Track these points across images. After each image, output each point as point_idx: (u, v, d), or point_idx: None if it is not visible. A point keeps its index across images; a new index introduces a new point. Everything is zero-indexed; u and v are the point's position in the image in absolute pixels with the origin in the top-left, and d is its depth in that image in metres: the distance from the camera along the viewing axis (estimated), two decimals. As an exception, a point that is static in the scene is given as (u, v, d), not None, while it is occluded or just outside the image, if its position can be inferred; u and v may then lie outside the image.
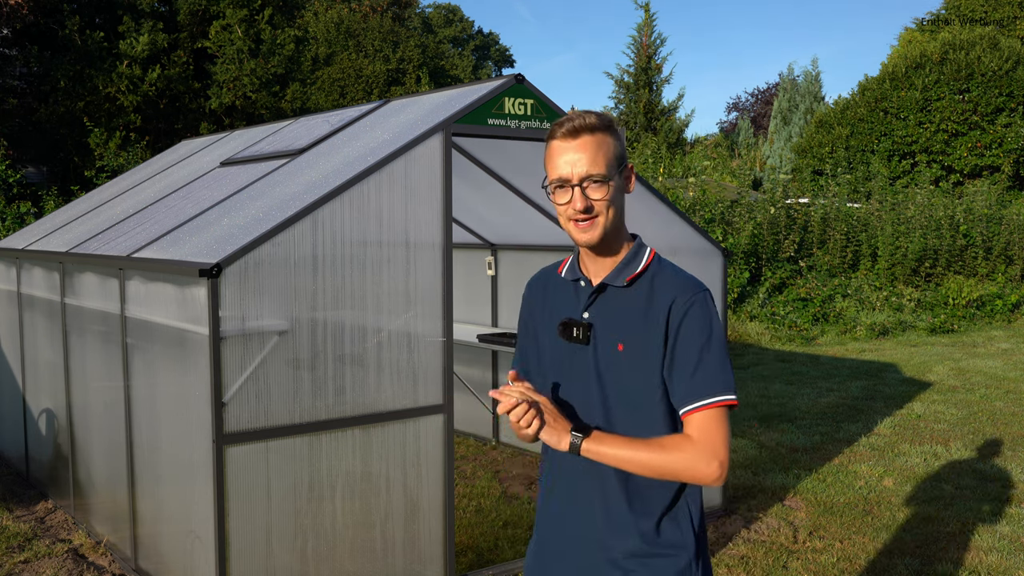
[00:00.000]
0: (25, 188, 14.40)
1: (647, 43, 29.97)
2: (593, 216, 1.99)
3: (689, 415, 1.95)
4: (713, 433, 1.92)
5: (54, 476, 5.84)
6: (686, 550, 2.03)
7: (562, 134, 1.99)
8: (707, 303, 1.99)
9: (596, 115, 2.00)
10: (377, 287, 3.98)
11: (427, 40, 35.10)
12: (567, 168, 1.98)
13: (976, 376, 10.40)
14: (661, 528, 2.02)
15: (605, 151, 1.98)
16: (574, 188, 1.98)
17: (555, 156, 2.00)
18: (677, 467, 1.92)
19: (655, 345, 1.98)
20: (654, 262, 2.07)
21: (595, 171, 1.97)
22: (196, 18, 19.26)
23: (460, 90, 4.71)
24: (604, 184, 1.97)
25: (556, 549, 2.14)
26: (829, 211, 16.60)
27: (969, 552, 5.04)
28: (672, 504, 2.03)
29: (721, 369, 1.95)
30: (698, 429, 1.93)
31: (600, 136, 1.98)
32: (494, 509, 5.71)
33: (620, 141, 2.03)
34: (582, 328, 2.06)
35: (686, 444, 1.93)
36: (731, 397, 1.94)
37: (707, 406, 1.93)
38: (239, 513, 3.65)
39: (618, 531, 2.03)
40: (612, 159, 1.99)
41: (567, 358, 2.10)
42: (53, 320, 5.57)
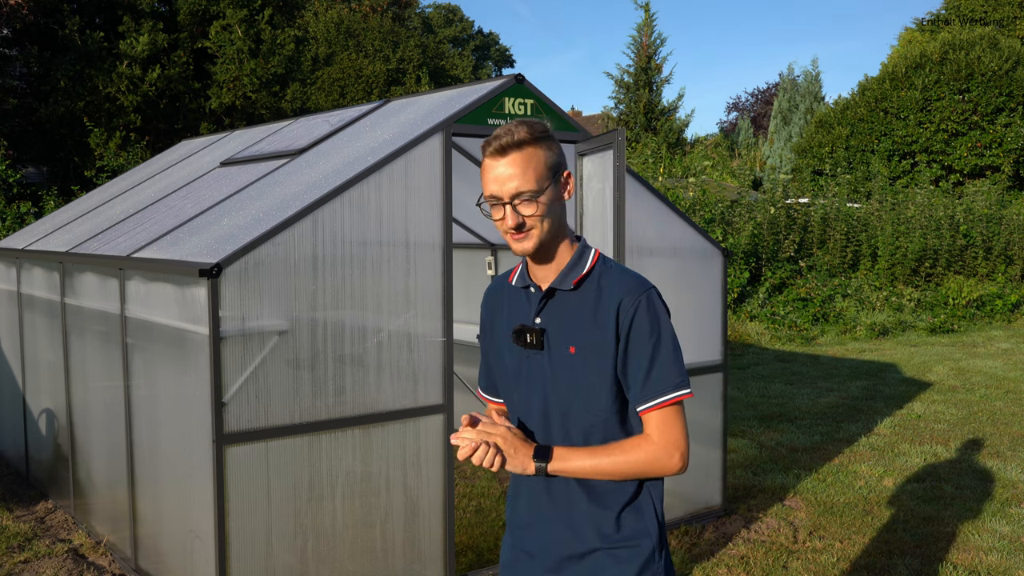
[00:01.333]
0: (25, 188, 14.40)
1: (647, 43, 29.96)
2: (527, 230, 2.03)
3: (646, 413, 2.02)
4: (671, 428, 2.01)
5: (54, 476, 5.84)
6: (649, 538, 2.08)
7: (490, 152, 2.02)
8: (653, 301, 2.03)
9: (527, 127, 2.01)
10: (377, 287, 3.98)
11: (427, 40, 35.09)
12: (496, 186, 2.01)
13: (976, 376, 10.40)
14: (623, 520, 2.08)
15: (535, 165, 2.00)
16: (505, 206, 2.02)
17: (486, 174, 2.04)
18: (642, 466, 2.01)
19: (606, 345, 2.02)
20: (599, 263, 2.11)
21: (525, 188, 1.99)
22: (196, 18, 19.26)
23: (460, 90, 4.71)
24: (534, 200, 2.00)
25: (527, 548, 2.20)
26: (829, 211, 16.60)
27: (969, 552, 5.04)
28: (634, 496, 2.08)
29: (672, 366, 2.01)
30: (656, 427, 2.01)
31: (529, 150, 2.00)
32: (494, 509, 5.71)
33: (552, 150, 2.04)
34: (535, 334, 2.11)
35: (645, 443, 2.01)
36: (685, 392, 2.02)
37: (662, 404, 2.00)
38: (239, 513, 3.65)
39: (582, 527, 2.09)
40: (543, 172, 2.01)
41: (524, 364, 2.15)
42: (53, 320, 5.57)
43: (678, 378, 2.01)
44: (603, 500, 2.07)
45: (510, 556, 2.25)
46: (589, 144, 4.58)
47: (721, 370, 5.49)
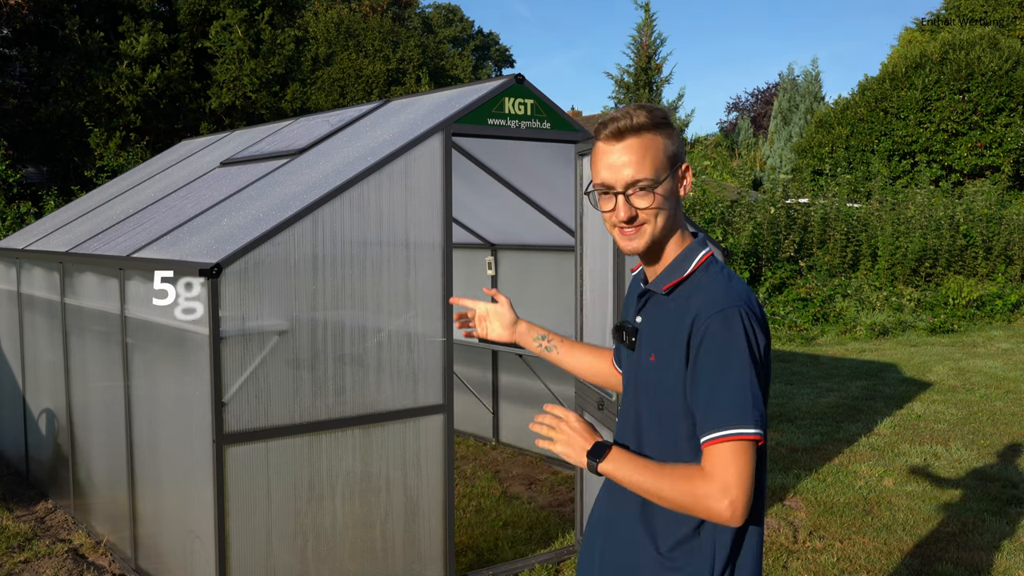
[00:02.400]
0: (25, 188, 14.40)
1: (647, 43, 29.96)
2: (639, 224, 1.86)
3: (705, 447, 1.77)
4: (727, 468, 1.73)
5: (54, 476, 5.84)
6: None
7: (606, 136, 1.85)
8: (729, 321, 1.77)
9: (647, 111, 1.84)
10: (377, 287, 3.98)
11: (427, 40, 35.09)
12: (610, 174, 1.84)
13: (976, 376, 10.40)
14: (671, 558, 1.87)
15: (653, 154, 1.82)
16: (618, 196, 1.85)
17: (599, 159, 1.86)
18: (686, 499, 1.76)
19: (678, 362, 1.83)
20: (700, 269, 1.90)
21: (641, 176, 1.82)
22: (196, 18, 19.26)
23: (460, 90, 4.71)
24: (651, 191, 1.83)
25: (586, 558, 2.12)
26: (829, 211, 16.60)
27: (969, 552, 5.04)
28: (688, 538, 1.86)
29: (739, 398, 1.74)
30: (711, 463, 1.75)
31: (648, 137, 1.82)
32: (494, 509, 5.71)
33: (673, 139, 1.87)
34: (629, 333, 1.99)
35: (697, 476, 1.76)
36: (749, 432, 1.73)
37: (722, 439, 1.74)
38: (239, 513, 3.65)
39: (629, 550, 1.94)
40: (661, 161, 1.83)
41: (627, 360, 2.05)
42: (53, 320, 5.57)
43: (743, 414, 1.73)
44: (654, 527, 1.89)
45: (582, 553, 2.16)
46: (589, 144, 4.58)
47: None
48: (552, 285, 6.75)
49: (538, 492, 6.10)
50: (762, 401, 1.77)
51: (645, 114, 1.83)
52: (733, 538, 1.86)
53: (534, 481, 6.34)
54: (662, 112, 1.86)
